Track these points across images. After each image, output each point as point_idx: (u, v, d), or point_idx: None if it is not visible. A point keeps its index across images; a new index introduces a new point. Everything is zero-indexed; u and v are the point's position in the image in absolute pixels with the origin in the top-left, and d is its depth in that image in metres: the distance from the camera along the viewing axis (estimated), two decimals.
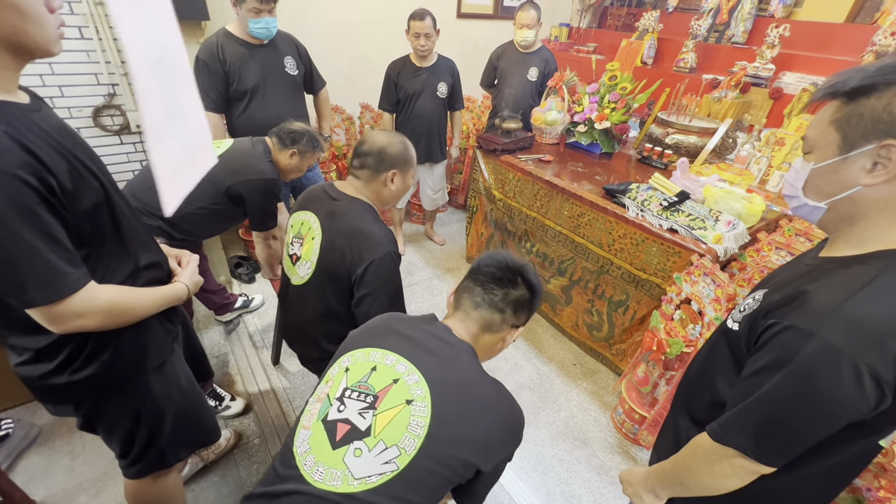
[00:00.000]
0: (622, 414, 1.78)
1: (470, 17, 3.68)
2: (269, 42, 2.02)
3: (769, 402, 0.62)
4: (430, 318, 0.94)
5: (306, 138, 1.73)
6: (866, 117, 0.58)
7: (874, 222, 0.61)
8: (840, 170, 0.61)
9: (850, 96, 0.59)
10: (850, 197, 0.61)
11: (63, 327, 0.76)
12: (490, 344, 0.93)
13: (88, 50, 1.93)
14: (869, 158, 0.58)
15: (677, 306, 1.58)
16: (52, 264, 0.70)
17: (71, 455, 1.56)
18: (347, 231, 1.26)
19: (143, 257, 0.92)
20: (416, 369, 0.81)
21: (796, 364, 0.58)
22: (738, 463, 0.66)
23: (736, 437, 0.65)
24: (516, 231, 2.38)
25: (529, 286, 0.93)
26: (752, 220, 1.69)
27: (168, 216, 0.71)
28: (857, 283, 0.58)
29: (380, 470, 0.73)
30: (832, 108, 0.62)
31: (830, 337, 0.56)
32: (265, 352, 2.09)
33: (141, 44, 0.63)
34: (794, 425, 0.61)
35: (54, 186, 0.70)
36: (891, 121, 0.56)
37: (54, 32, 0.71)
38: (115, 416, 0.97)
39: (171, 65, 0.70)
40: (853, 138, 0.59)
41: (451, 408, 0.78)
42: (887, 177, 0.57)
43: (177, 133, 0.72)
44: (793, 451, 0.63)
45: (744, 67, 2.75)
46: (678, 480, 0.78)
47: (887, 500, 0.99)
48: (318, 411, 0.83)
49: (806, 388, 0.58)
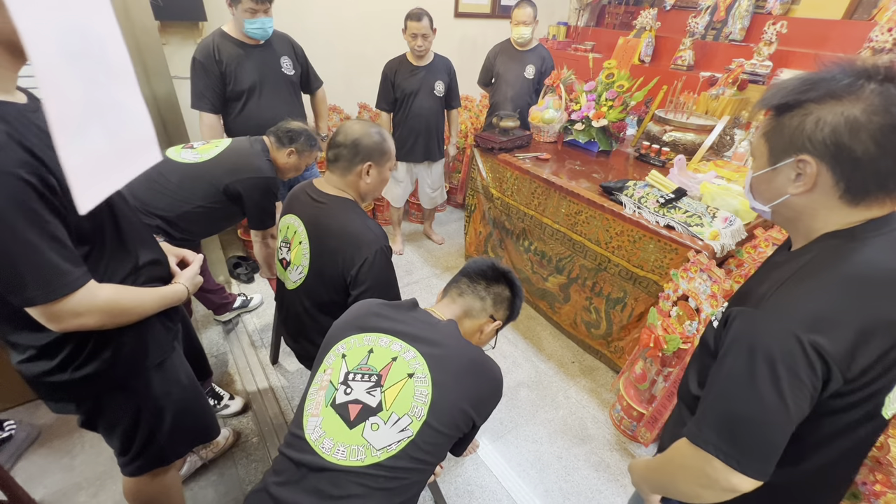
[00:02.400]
0: (620, 411, 1.79)
1: (467, 16, 3.69)
2: (265, 42, 2.02)
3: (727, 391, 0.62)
4: (411, 304, 1.00)
5: (304, 137, 1.74)
6: (785, 133, 0.61)
7: (810, 222, 0.65)
8: (772, 179, 0.66)
9: (777, 111, 0.63)
10: (785, 202, 0.65)
11: (62, 326, 0.76)
12: (470, 331, 1.02)
13: None
14: (792, 170, 0.62)
15: (674, 303, 1.58)
16: (51, 263, 0.70)
17: (70, 454, 1.57)
18: (335, 234, 1.26)
19: (143, 255, 0.93)
20: (411, 346, 0.89)
21: (741, 345, 0.61)
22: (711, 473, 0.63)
23: (705, 434, 0.63)
24: (514, 229, 2.39)
25: (511, 285, 1.05)
26: (749, 217, 1.69)
27: (83, 214, 0.66)
28: (796, 266, 0.63)
29: (397, 438, 0.81)
30: (766, 121, 0.66)
31: (764, 316, 0.60)
32: (264, 351, 2.10)
33: (50, 37, 0.56)
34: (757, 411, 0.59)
35: (54, 185, 0.70)
36: (802, 137, 0.59)
37: None
38: (115, 413, 0.97)
39: (101, 58, 0.65)
40: (777, 151, 0.63)
41: (448, 375, 0.87)
42: (806, 188, 0.61)
43: (105, 130, 0.67)
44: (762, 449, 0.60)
45: (741, 64, 2.74)
46: (659, 483, 0.78)
47: (883, 493, 0.99)
48: (323, 398, 0.87)
49: (753, 365, 0.59)
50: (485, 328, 1.02)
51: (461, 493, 1.55)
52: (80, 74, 0.61)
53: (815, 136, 0.58)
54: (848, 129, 0.56)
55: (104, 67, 0.67)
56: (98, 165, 0.66)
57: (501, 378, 0.96)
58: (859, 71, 0.57)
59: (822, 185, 0.60)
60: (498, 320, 1.04)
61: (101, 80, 0.66)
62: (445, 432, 0.84)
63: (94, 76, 0.64)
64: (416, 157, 2.68)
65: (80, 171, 0.62)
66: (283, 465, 0.84)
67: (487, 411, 0.93)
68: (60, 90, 0.59)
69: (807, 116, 0.59)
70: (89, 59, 0.63)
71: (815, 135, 0.58)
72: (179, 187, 1.55)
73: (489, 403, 0.93)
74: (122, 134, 0.72)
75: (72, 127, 0.61)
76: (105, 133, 0.67)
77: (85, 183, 0.64)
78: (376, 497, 0.79)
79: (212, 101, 1.98)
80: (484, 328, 1.02)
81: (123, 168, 0.74)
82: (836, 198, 0.60)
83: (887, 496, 0.99)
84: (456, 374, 0.88)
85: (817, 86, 0.59)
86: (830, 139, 0.57)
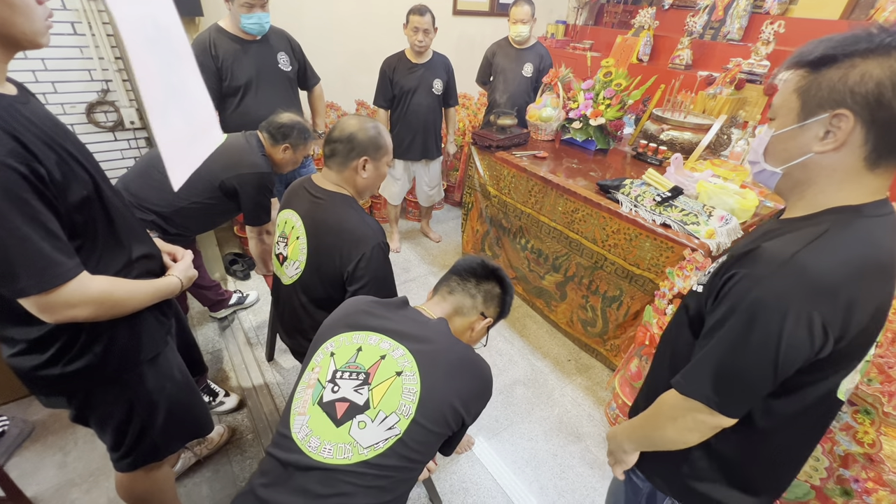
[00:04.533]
0: (616, 409, 1.79)
1: (466, 14, 3.68)
2: (261, 38, 2.01)
3: (723, 349, 0.65)
4: (401, 301, 1.00)
5: (296, 131, 1.72)
6: (824, 87, 0.60)
7: (822, 187, 0.64)
8: (796, 137, 0.64)
9: (813, 66, 0.61)
10: (802, 163, 0.64)
11: (55, 317, 0.76)
12: (461, 328, 1.01)
13: (81, 46, 1.92)
14: (822, 127, 0.60)
15: (670, 301, 1.58)
16: (43, 253, 0.70)
17: (63, 451, 1.56)
18: (333, 230, 1.26)
19: (137, 249, 0.92)
20: (400, 344, 0.88)
21: (745, 307, 0.62)
22: (700, 417, 0.69)
23: (697, 387, 0.68)
24: (511, 227, 2.39)
25: (501, 282, 1.05)
26: (745, 216, 1.69)
27: (175, 191, 0.72)
28: (810, 236, 0.61)
29: (385, 436, 0.81)
30: (797, 77, 0.64)
31: (780, 283, 0.59)
32: (259, 348, 2.09)
33: (135, 24, 0.63)
34: (747, 369, 0.63)
35: (44, 176, 0.70)
36: (844, 90, 0.58)
37: (42, 24, 0.71)
38: (107, 408, 0.97)
39: (170, 44, 0.70)
40: (811, 107, 0.61)
41: (437, 373, 0.86)
42: (835, 145, 0.60)
43: (181, 111, 0.73)
44: (748, 398, 0.66)
45: (739, 64, 2.75)
46: (644, 435, 0.82)
47: (874, 490, 1.00)
48: (310, 396, 0.86)
49: (755, 330, 0.61)
50: (475, 326, 1.02)
51: (456, 489, 1.55)
52: (158, 59, 0.67)
53: (858, 90, 0.57)
54: (893, 84, 0.55)
55: (174, 53, 0.71)
56: (180, 144, 0.73)
57: (491, 376, 0.95)
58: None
59: (851, 144, 0.59)
60: (489, 318, 1.04)
61: (173, 65, 0.71)
62: (435, 430, 0.83)
63: (169, 60, 0.69)
64: (414, 154, 2.67)
65: (170, 149, 0.68)
66: (270, 465, 0.83)
67: (477, 409, 0.92)
68: (149, 73, 0.64)
69: (851, 69, 0.57)
70: (162, 46, 0.68)
71: (859, 88, 0.56)
72: None
73: (479, 401, 0.93)
74: (193, 114, 0.77)
75: (159, 108, 0.66)
76: (181, 114, 0.73)
77: (174, 161, 0.69)
78: (364, 495, 0.78)
79: None
80: (475, 326, 1.02)
81: (198, 147, 0.78)
82: (861, 159, 0.60)
83: (879, 493, 1.00)
84: (446, 372, 0.87)
85: (864, 40, 0.57)
86: (873, 94, 0.56)
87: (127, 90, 2.07)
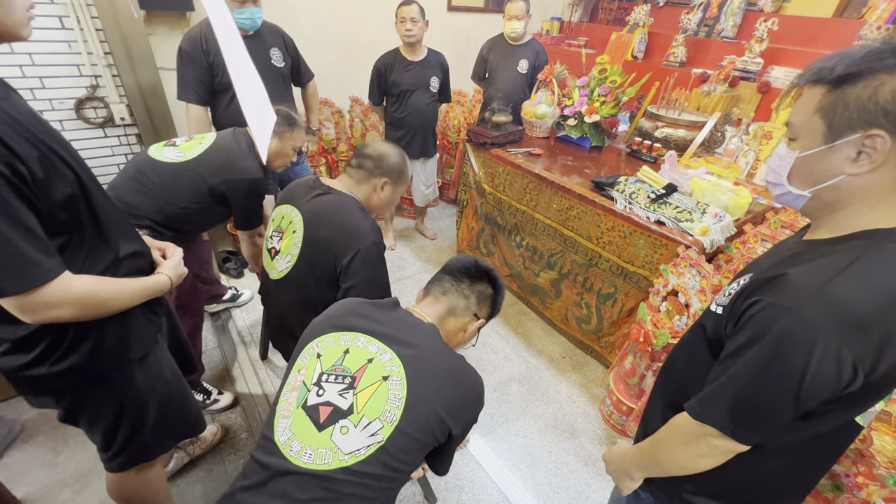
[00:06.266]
0: (610, 406, 1.79)
1: (460, 10, 3.66)
2: (254, 33, 1.98)
3: (744, 378, 0.62)
4: (392, 303, 0.98)
5: (280, 117, 1.64)
6: (852, 106, 0.56)
7: (855, 209, 0.61)
8: (825, 159, 0.60)
9: (835, 84, 0.58)
10: (833, 185, 0.60)
11: (36, 318, 0.74)
12: (453, 330, 1.00)
13: (70, 40, 1.89)
14: (853, 147, 0.57)
15: (664, 298, 1.59)
16: (23, 253, 0.68)
17: (53, 451, 1.54)
18: (332, 222, 1.25)
19: (124, 247, 0.91)
20: (388, 348, 0.87)
21: (771, 337, 0.58)
22: (714, 442, 0.66)
23: (713, 413, 0.65)
24: (506, 225, 2.38)
25: (493, 283, 1.04)
26: (739, 213, 1.70)
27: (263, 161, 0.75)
28: (840, 264, 0.57)
29: (367, 442, 0.79)
30: (818, 96, 0.60)
31: (811, 314, 0.56)
32: (253, 347, 2.08)
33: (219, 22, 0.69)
34: (767, 400, 0.61)
35: (25, 174, 0.68)
36: (876, 110, 0.54)
37: (23, 15, 0.69)
38: (97, 407, 0.95)
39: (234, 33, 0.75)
40: (838, 127, 0.58)
41: (424, 380, 0.84)
42: (871, 166, 0.57)
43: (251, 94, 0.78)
44: (767, 429, 0.63)
45: (732, 61, 2.76)
46: (653, 461, 0.79)
47: (865, 485, 1.01)
48: (295, 399, 0.85)
49: (778, 362, 0.58)
50: (468, 327, 1.01)
51: (451, 487, 1.55)
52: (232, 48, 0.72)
53: (892, 109, 0.53)
54: None
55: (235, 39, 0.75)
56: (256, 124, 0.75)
57: (482, 388, 0.93)
58: None
59: (889, 164, 0.56)
60: (481, 318, 1.03)
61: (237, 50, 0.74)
62: (419, 438, 0.81)
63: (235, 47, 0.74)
64: (413, 153, 2.65)
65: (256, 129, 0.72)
66: (252, 468, 0.82)
67: (466, 420, 0.90)
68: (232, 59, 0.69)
69: (880, 87, 0.54)
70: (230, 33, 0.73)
71: (892, 107, 0.53)
72: (163, 188, 1.48)
73: (468, 412, 0.90)
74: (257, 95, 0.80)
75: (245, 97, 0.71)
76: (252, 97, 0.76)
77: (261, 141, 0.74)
78: (342, 501, 0.77)
79: (199, 92, 1.94)
80: (467, 327, 1.01)
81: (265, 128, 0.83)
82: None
83: (869, 488, 1.00)
84: (435, 379, 0.85)
85: (889, 55, 0.54)
86: None
87: (117, 86, 2.04)
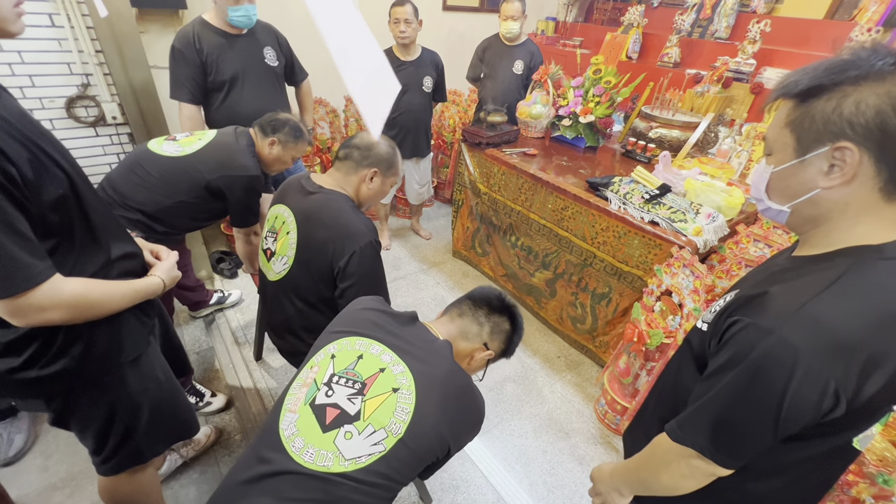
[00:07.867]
0: (605, 405, 1.80)
1: (455, 10, 3.66)
2: (247, 32, 1.97)
3: (723, 401, 0.61)
4: (410, 317, 0.98)
5: (288, 127, 1.69)
6: (818, 119, 0.56)
7: (837, 224, 0.60)
8: (798, 173, 0.60)
9: (801, 98, 0.58)
10: (811, 199, 0.60)
11: (26, 321, 0.74)
12: (462, 354, 0.99)
13: (60, 38, 1.87)
14: (825, 161, 0.57)
15: (658, 298, 1.60)
16: (12, 255, 0.67)
17: (44, 454, 1.53)
18: (327, 223, 1.25)
19: (116, 248, 0.90)
20: (401, 360, 0.87)
21: (751, 360, 0.57)
22: (695, 464, 0.65)
23: (693, 435, 0.64)
24: (501, 225, 2.39)
25: (513, 319, 1.03)
26: (732, 213, 1.71)
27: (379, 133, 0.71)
28: (822, 282, 0.56)
29: (369, 451, 0.79)
30: (786, 110, 0.60)
31: (790, 336, 0.55)
32: (247, 347, 2.07)
33: None
34: (746, 424, 0.60)
35: (14, 176, 0.67)
36: (841, 122, 0.54)
37: (10, 11, 0.68)
38: (88, 411, 0.94)
39: None
40: (807, 141, 0.58)
41: (433, 397, 0.84)
42: (843, 179, 0.56)
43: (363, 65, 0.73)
44: (746, 452, 0.62)
45: (726, 62, 2.78)
46: (639, 479, 0.78)
47: (855, 483, 1.02)
48: (304, 395, 0.85)
49: (757, 387, 0.57)
50: (476, 354, 1.00)
51: (446, 487, 1.55)
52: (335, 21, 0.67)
53: (857, 120, 0.53)
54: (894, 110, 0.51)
55: None
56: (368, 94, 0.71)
57: (484, 411, 0.94)
58: None
59: (862, 176, 0.55)
60: (491, 350, 1.01)
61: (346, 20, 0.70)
62: (419, 453, 0.82)
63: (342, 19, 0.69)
64: (405, 153, 2.65)
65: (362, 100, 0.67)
66: (250, 460, 0.81)
67: (464, 442, 0.91)
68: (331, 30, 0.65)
69: (844, 99, 0.54)
70: None
71: (857, 118, 0.53)
72: (160, 181, 1.50)
73: (468, 434, 0.91)
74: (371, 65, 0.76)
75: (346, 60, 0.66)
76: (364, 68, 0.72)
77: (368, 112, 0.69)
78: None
79: (191, 90, 1.93)
80: (475, 354, 1.00)
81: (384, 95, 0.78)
82: (876, 190, 0.55)
83: (859, 486, 1.02)
84: (443, 397, 0.85)
85: (852, 66, 0.54)
86: (875, 122, 0.52)
87: (108, 84, 2.02)
